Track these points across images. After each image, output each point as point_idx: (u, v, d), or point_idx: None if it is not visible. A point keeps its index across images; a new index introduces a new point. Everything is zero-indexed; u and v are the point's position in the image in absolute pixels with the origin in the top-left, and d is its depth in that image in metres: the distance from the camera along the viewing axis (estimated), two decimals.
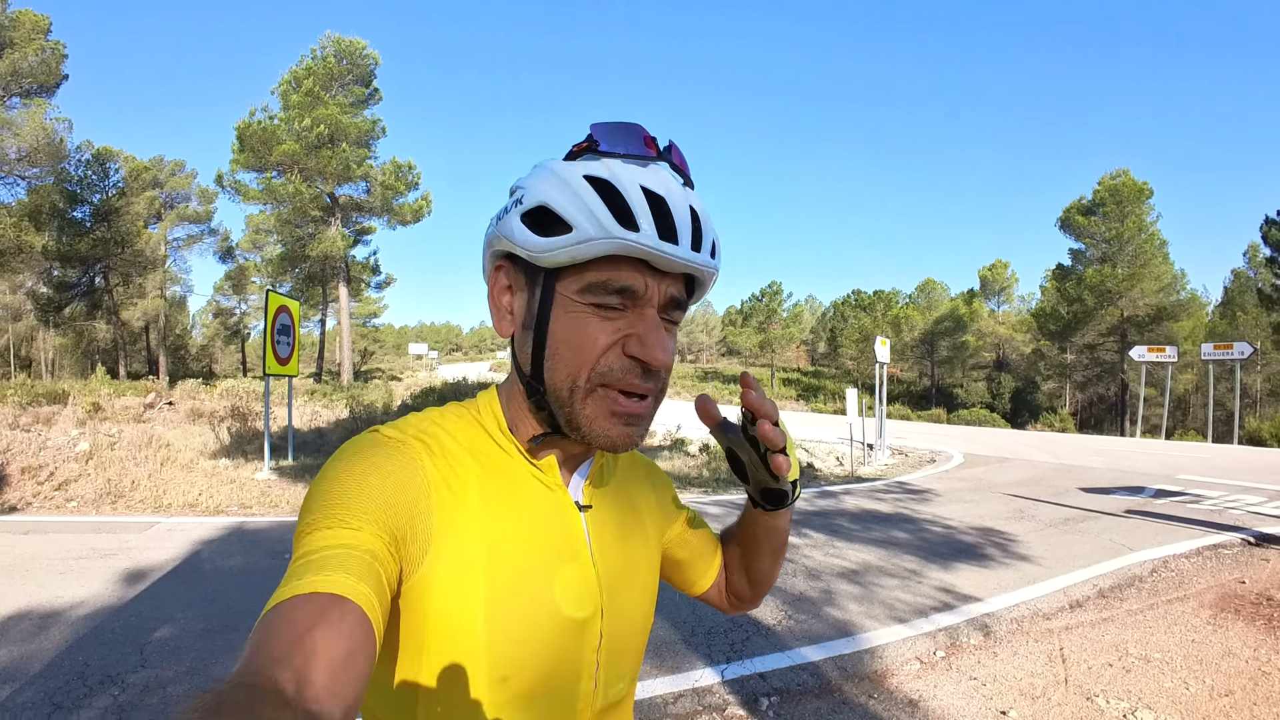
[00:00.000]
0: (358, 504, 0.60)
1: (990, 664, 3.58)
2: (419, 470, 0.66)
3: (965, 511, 7.81)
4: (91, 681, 3.29)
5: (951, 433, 21.55)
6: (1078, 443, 18.37)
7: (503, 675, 0.66)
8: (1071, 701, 3.15)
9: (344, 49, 27.03)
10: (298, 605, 0.50)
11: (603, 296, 0.65)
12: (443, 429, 0.72)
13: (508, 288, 0.73)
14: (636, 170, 0.66)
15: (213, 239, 39.82)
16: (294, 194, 26.29)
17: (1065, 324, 34.77)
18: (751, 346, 55.34)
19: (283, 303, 10.13)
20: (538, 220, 0.66)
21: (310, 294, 34.18)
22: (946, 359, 48.88)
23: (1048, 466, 12.20)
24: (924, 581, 5.03)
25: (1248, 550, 6.05)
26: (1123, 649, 3.80)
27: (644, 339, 0.66)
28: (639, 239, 0.62)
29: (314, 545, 0.56)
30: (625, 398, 0.67)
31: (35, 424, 10.25)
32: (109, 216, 31.70)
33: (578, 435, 0.69)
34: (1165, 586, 5.01)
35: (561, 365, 0.67)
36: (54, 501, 7.52)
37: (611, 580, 0.76)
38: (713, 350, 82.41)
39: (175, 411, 13.92)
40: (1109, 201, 32.44)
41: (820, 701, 3.16)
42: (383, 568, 0.57)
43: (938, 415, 33.13)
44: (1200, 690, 3.30)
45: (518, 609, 0.67)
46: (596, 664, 0.73)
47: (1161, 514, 7.62)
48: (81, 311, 33.89)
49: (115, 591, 4.65)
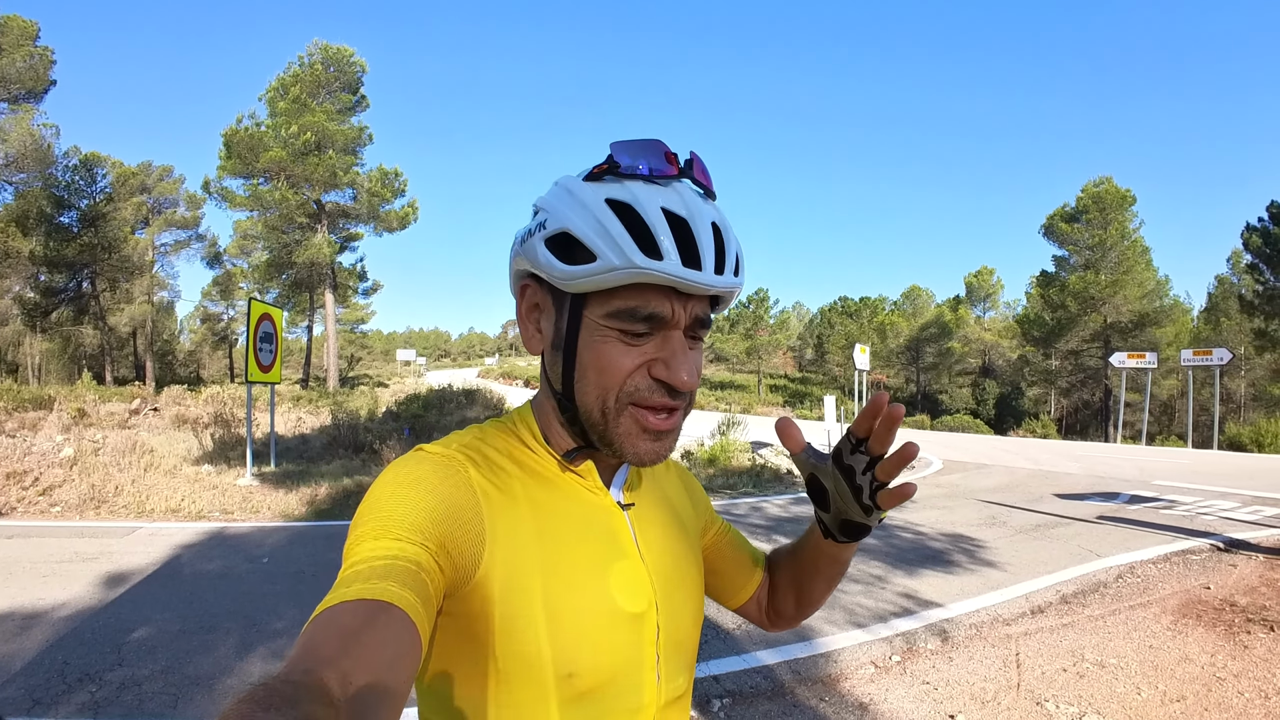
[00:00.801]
0: (404, 516, 0.61)
1: (945, 669, 3.67)
2: (465, 480, 0.68)
3: (937, 518, 7.93)
4: (70, 679, 3.40)
5: (934, 438, 21.73)
6: (1058, 448, 18.58)
7: (568, 672, 0.67)
8: (1021, 706, 3.24)
9: (331, 56, 27.09)
10: (346, 610, 0.52)
11: (630, 324, 0.66)
12: (483, 442, 0.75)
13: (535, 306, 0.74)
14: (659, 191, 0.66)
15: (200, 244, 39.62)
16: (281, 200, 26.29)
17: (1049, 330, 35.09)
18: (738, 353, 55.54)
19: (266, 310, 10.19)
20: (561, 246, 0.67)
21: (298, 300, 34.12)
22: (932, 365, 49.19)
23: (1025, 472, 12.36)
24: (887, 587, 5.13)
25: (1216, 556, 6.16)
26: (1079, 654, 3.88)
27: (669, 363, 0.67)
28: (663, 268, 0.63)
29: (362, 555, 0.58)
30: (654, 415, 0.69)
31: (21, 429, 10.28)
32: (96, 222, 31.55)
33: (610, 452, 0.71)
34: (1129, 592, 5.10)
35: (591, 388, 0.69)
36: (38, 506, 7.56)
37: (662, 575, 0.77)
38: None
39: (160, 417, 13.91)
40: (1092, 209, 32.81)
41: (771, 704, 3.26)
42: (429, 578, 0.59)
43: (922, 421, 33.32)
44: (1152, 696, 3.38)
45: (576, 605, 0.68)
46: (657, 657, 0.74)
47: (1133, 520, 7.74)
48: (68, 316, 33.82)
49: (96, 594, 4.74)
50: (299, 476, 9.50)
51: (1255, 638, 4.14)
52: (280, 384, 13.09)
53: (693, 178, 0.69)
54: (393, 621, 0.52)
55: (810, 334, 62.88)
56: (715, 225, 0.67)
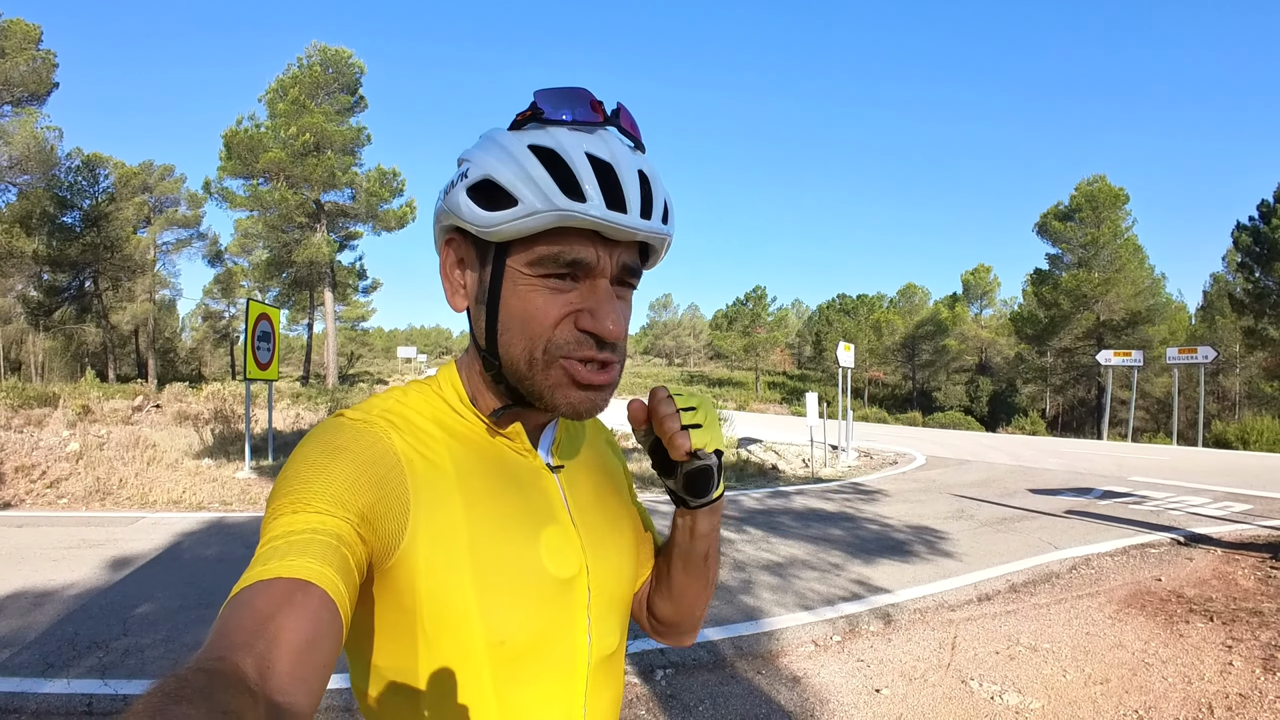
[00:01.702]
0: (322, 488, 0.60)
1: (882, 649, 3.96)
2: (387, 448, 0.66)
3: (907, 511, 8.22)
4: (80, 647, 3.80)
5: (922, 436, 22.01)
6: (1042, 445, 18.84)
7: (500, 639, 0.67)
8: (946, 683, 3.51)
9: (330, 58, 27.40)
10: (260, 590, 0.51)
11: (553, 269, 0.65)
12: (406, 405, 0.73)
13: (459, 261, 0.72)
14: (583, 137, 0.65)
15: (202, 243, 40.01)
16: (280, 201, 26.63)
17: (1043, 328, 35.34)
18: (736, 350, 55.87)
19: (263, 310, 10.49)
20: (484, 193, 0.65)
21: (298, 298, 34.52)
22: (929, 362, 49.50)
23: (1004, 468, 12.63)
24: (842, 574, 5.42)
25: (1175, 549, 6.32)
26: (1015, 639, 4.08)
27: (595, 312, 0.66)
28: (585, 209, 0.62)
29: (278, 531, 0.56)
30: (584, 367, 0.67)
31: (27, 425, 10.61)
32: (98, 221, 32.10)
33: (541, 404, 0.70)
34: (1080, 583, 5.29)
35: (517, 340, 0.67)
36: (46, 498, 7.91)
37: (593, 538, 0.77)
38: (700, 354, 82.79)
39: (162, 414, 14.23)
40: (1085, 207, 33.03)
41: (711, 675, 3.56)
42: (350, 551, 0.57)
43: (913, 418, 33.65)
44: (1076, 677, 3.55)
45: (505, 572, 0.68)
46: (588, 619, 0.75)
47: (1101, 514, 7.97)
48: (71, 315, 34.37)
49: (102, 576, 5.12)
50: None
51: (1193, 627, 4.30)
52: (278, 381, 13.42)
53: (619, 127, 0.68)
54: (310, 600, 0.51)
55: (809, 331, 63.18)
56: (641, 172, 0.67)
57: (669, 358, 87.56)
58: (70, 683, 3.36)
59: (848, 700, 3.31)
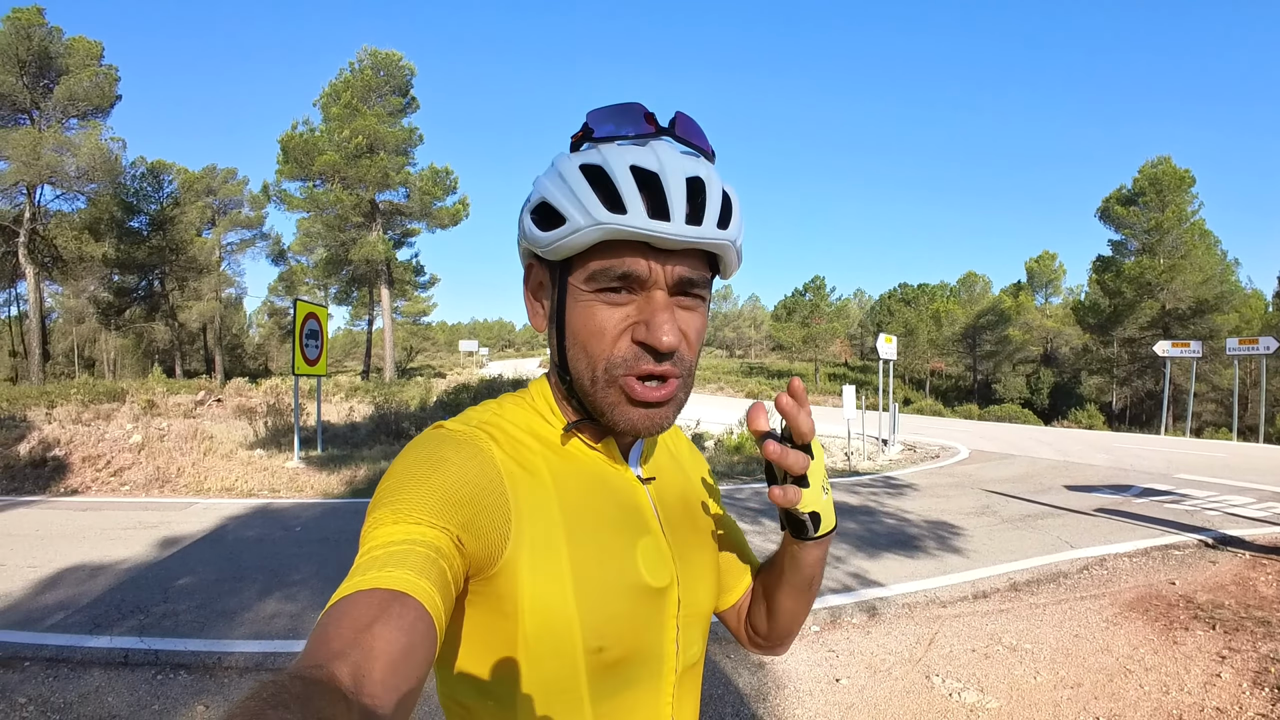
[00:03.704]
0: (421, 499, 0.61)
1: (857, 641, 4.04)
2: (487, 459, 0.67)
3: (931, 506, 8.18)
4: (125, 610, 4.41)
5: (973, 429, 21.55)
6: (1093, 440, 18.25)
7: (597, 646, 0.68)
8: (908, 677, 3.56)
9: (381, 61, 28.21)
10: (359, 601, 0.51)
11: (607, 283, 0.66)
12: (502, 417, 0.75)
13: (540, 284, 0.75)
14: (630, 150, 0.66)
15: (265, 243, 41.88)
16: (335, 201, 27.62)
17: (1106, 317, 34.06)
18: (795, 341, 55.31)
19: (311, 309, 11.03)
20: (541, 215, 0.68)
21: (360, 295, 35.81)
22: (991, 353, 48.15)
23: (1047, 464, 12.35)
24: (840, 567, 5.49)
25: (1200, 552, 6.11)
26: (997, 638, 4.05)
27: (650, 323, 0.66)
28: (624, 221, 0.63)
29: (377, 541, 0.57)
30: (642, 384, 0.68)
31: (95, 419, 11.41)
32: (164, 225, 34.26)
33: (604, 421, 0.72)
34: (1087, 584, 5.18)
35: (581, 356, 0.69)
36: (110, 486, 8.58)
37: (682, 549, 0.79)
38: (761, 345, 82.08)
39: (223, 407, 15.04)
40: (1149, 190, 31.67)
41: None
42: (447, 563, 0.58)
43: (969, 411, 32.87)
44: (1047, 680, 3.52)
45: (604, 581, 0.69)
46: (677, 628, 0.76)
47: (1132, 513, 7.75)
48: (140, 314, 36.77)
49: (152, 553, 5.71)
50: (342, 460, 10.37)
51: (1191, 634, 4.17)
52: (326, 376, 14.08)
53: (674, 135, 0.69)
54: (407, 611, 0.52)
55: (871, 322, 62.00)
56: (692, 179, 0.66)
57: (730, 349, 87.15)
58: (112, 639, 3.91)
59: (804, 688, 3.43)
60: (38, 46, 25.08)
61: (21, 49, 24.70)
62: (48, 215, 28.57)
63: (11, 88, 24.92)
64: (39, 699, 3.29)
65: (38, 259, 27.43)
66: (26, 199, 26.60)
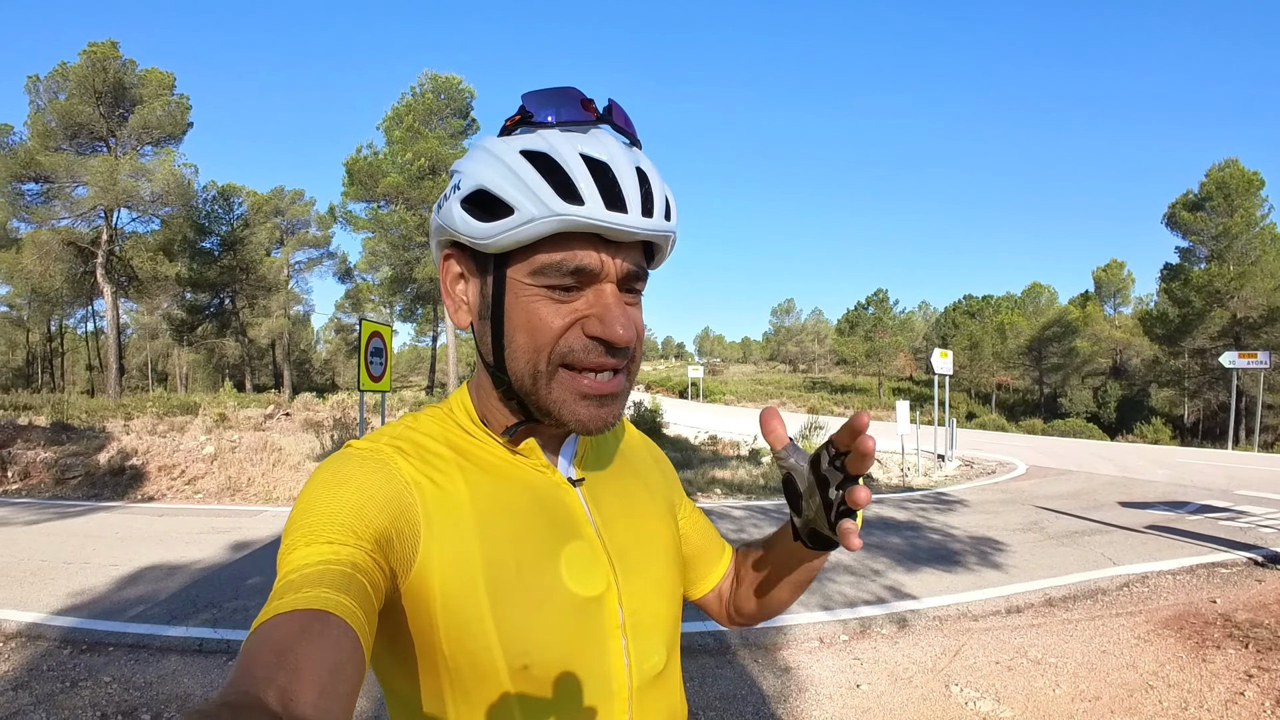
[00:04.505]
0: (330, 518, 0.59)
1: (884, 650, 4.15)
2: (393, 472, 0.66)
3: (978, 522, 8.14)
4: (199, 605, 4.85)
5: (1035, 444, 21.03)
6: (1156, 455, 17.63)
7: (522, 664, 0.65)
8: (926, 685, 3.64)
9: (441, 85, 29.13)
10: (279, 624, 0.50)
11: (556, 279, 0.64)
12: (415, 430, 0.72)
13: (460, 276, 0.71)
14: (576, 138, 0.63)
15: (331, 261, 43.49)
16: (399, 222, 28.61)
17: (1174, 327, 32.65)
18: (858, 356, 54.52)
19: (376, 328, 11.58)
20: (478, 204, 0.64)
21: (425, 311, 37.01)
22: (1057, 366, 46.66)
23: (1104, 479, 12.06)
24: (877, 580, 5.56)
25: (1248, 570, 5.97)
26: (1023, 651, 4.08)
27: (603, 317, 0.64)
28: (584, 213, 0.60)
29: (293, 565, 0.56)
30: (592, 377, 0.66)
31: (170, 431, 12.19)
32: (234, 246, 36.15)
33: (549, 420, 0.69)
34: (1125, 601, 5.13)
35: (521, 353, 0.66)
36: (184, 494, 9.23)
37: (623, 552, 0.75)
38: (826, 359, 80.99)
39: (291, 421, 15.77)
40: (1216, 195, 30.34)
41: (711, 659, 3.93)
42: (366, 578, 0.57)
43: (1032, 426, 31.91)
44: (1066, 692, 3.53)
45: (522, 593, 0.66)
46: (623, 640, 0.72)
47: (1183, 530, 7.60)
48: (212, 331, 38.76)
49: (225, 555, 6.20)
50: None
51: (1223, 653, 4.11)
52: (405, 391, 14.70)
53: (612, 123, 0.67)
54: (330, 630, 0.51)
55: (935, 335, 60.73)
56: (639, 169, 0.65)
57: (793, 364, 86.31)
58: (188, 629, 4.35)
59: (824, 691, 3.57)
60: (113, 78, 26.60)
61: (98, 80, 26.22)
62: (124, 237, 30.32)
63: (89, 117, 26.47)
64: (121, 679, 3.72)
65: (114, 278, 29.11)
66: (104, 222, 28.17)
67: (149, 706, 3.42)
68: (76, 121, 26.35)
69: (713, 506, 9.05)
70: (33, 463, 9.86)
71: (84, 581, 5.35)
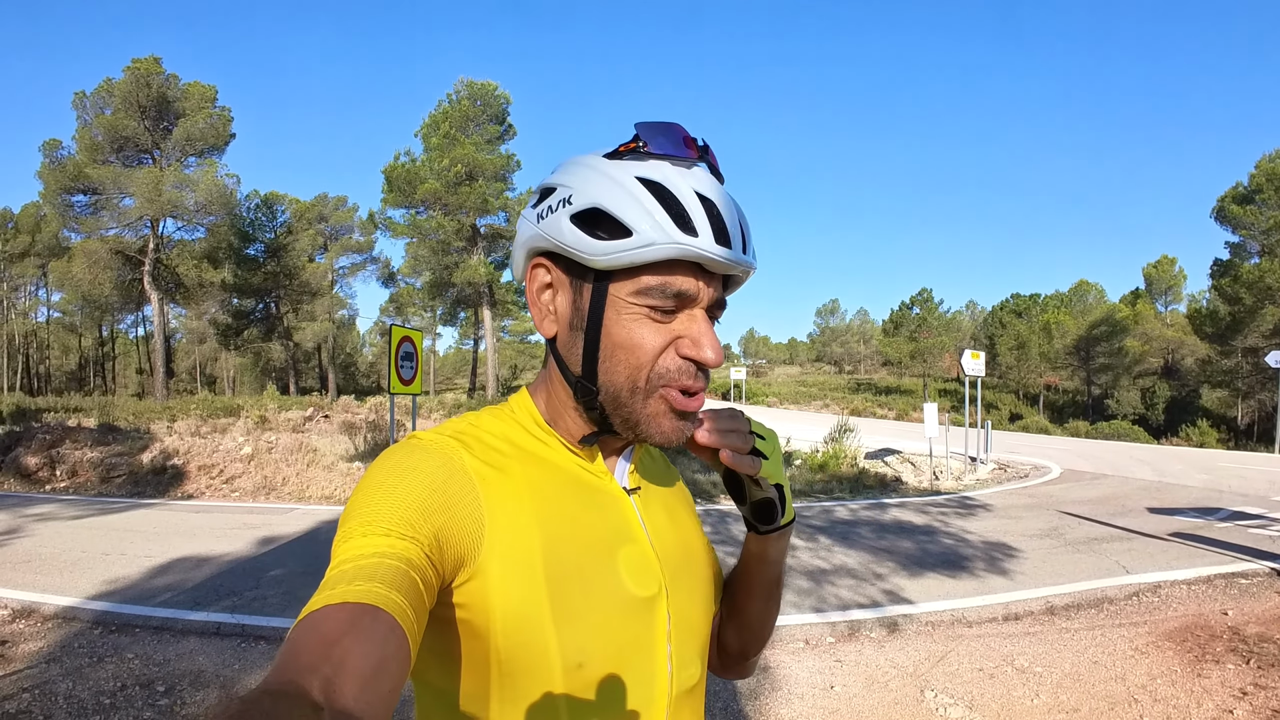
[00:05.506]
0: (392, 510, 0.60)
1: (868, 653, 4.20)
2: (459, 466, 0.66)
3: (996, 527, 8.06)
4: (221, 593, 5.22)
5: (1074, 447, 20.52)
6: (1197, 459, 17.05)
7: (577, 662, 0.65)
8: (900, 690, 3.68)
9: (477, 92, 29.70)
10: (328, 615, 0.51)
11: (659, 300, 0.66)
12: (478, 427, 0.74)
13: (547, 285, 0.72)
14: (685, 173, 0.67)
15: (375, 266, 44.58)
16: (438, 228, 29.31)
17: (1225, 326, 31.43)
18: (903, 356, 53.72)
19: (405, 334, 11.96)
20: (589, 221, 0.66)
21: (467, 314, 37.74)
22: (1105, 366, 45.32)
23: (1138, 484, 11.78)
24: (877, 584, 5.58)
25: (1269, 581, 5.80)
26: (1010, 659, 4.06)
27: (698, 341, 0.67)
28: (699, 244, 0.64)
29: (347, 555, 0.57)
30: (683, 396, 0.69)
31: (212, 433, 12.76)
32: (278, 252, 37.30)
33: (633, 434, 0.71)
34: (1132, 610, 5.04)
35: (620, 368, 0.68)
36: (221, 492, 9.70)
37: (671, 559, 0.76)
38: (871, 360, 79.91)
39: (330, 423, 16.30)
40: (1266, 187, 29.11)
41: None
42: (419, 575, 0.57)
43: (1076, 429, 31.02)
44: (1045, 703, 3.51)
45: (583, 591, 0.67)
46: (669, 645, 0.73)
47: (1209, 538, 7.41)
48: (257, 335, 40.00)
49: (252, 549, 6.57)
50: None
51: (1221, 668, 4.02)
52: (432, 394, 15.13)
53: (709, 164, 0.70)
54: (378, 625, 0.51)
55: (983, 335, 59.53)
56: (738, 208, 0.70)
57: (839, 365, 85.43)
58: (208, 614, 4.71)
59: (798, 691, 3.66)
60: (156, 93, 27.80)
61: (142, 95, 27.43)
62: (170, 245, 31.70)
63: (134, 130, 27.72)
64: (143, 656, 4.12)
65: (161, 285, 30.45)
66: (150, 231, 29.48)
67: (165, 680, 3.79)
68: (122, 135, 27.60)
69: (731, 509, 9.13)
70: (80, 462, 10.44)
71: (119, 571, 5.77)
